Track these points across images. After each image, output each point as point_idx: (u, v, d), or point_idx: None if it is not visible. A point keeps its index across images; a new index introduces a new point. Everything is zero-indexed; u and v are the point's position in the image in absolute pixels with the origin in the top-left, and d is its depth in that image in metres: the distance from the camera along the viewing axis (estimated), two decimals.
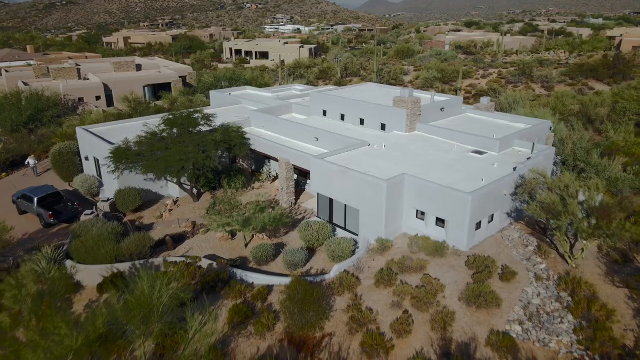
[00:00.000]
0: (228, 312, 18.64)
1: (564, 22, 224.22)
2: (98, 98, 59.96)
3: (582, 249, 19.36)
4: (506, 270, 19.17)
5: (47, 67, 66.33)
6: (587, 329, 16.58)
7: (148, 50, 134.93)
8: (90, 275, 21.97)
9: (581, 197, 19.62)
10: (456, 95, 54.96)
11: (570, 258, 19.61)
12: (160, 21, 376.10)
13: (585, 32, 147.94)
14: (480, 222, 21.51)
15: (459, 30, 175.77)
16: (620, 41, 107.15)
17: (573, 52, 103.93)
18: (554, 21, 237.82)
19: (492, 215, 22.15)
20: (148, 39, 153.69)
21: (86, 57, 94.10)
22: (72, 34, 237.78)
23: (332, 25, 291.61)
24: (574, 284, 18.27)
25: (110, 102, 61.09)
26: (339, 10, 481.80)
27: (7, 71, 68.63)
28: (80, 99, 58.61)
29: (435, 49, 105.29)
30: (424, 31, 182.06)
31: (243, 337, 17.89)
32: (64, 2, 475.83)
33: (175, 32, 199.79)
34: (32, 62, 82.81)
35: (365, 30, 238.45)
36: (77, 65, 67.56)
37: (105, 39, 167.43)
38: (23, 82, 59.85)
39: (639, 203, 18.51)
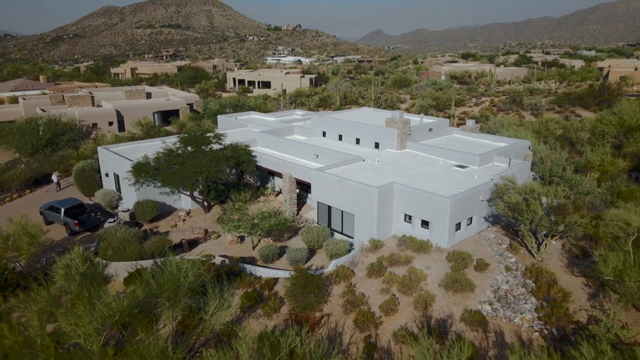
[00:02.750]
0: (240, 298, 21.55)
1: (558, 54, 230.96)
2: (111, 123, 63.70)
3: (545, 244, 22.38)
4: (480, 262, 22.16)
5: (63, 95, 70.29)
6: (547, 307, 19.49)
7: (154, 80, 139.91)
8: (117, 270, 24.93)
9: (544, 200, 22.75)
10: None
11: (536, 253, 22.62)
12: (164, 53, 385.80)
13: (578, 64, 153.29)
14: (460, 223, 24.57)
15: (455, 62, 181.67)
16: (608, 72, 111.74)
17: (563, 82, 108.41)
18: (548, 53, 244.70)
19: (471, 218, 25.22)
20: (154, 70, 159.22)
21: (96, 87, 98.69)
22: (79, 65, 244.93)
23: (332, 57, 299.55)
24: (537, 273, 21.22)
25: (121, 127, 64.81)
26: (339, 43, 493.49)
27: (24, 99, 72.68)
28: (94, 124, 62.32)
29: (431, 79, 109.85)
30: (422, 62, 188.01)
31: (253, 318, 20.78)
32: (70, 35, 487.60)
33: (180, 63, 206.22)
34: (46, 91, 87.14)
35: (364, 61, 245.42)
36: (90, 93, 71.57)
37: (113, 70, 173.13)
38: (41, 109, 63.62)
39: (589, 202, 21.59)
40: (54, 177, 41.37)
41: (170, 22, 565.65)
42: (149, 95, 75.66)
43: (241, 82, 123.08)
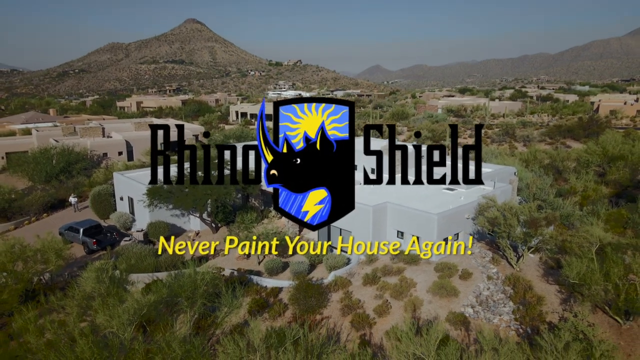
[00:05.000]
0: (248, 304, 23.92)
1: (553, 89, 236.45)
2: (120, 153, 66.79)
3: (522, 255, 24.90)
4: (464, 272, 24.61)
5: (74, 127, 73.67)
6: (522, 310, 21.86)
7: (159, 113, 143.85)
8: (137, 279, 27.27)
9: (521, 217, 25.37)
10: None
11: (515, 264, 25.10)
12: (167, 87, 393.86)
13: (572, 98, 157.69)
14: (447, 238, 27.09)
15: (452, 96, 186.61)
16: (598, 105, 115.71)
17: (555, 115, 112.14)
18: (543, 88, 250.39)
19: (457, 234, 27.77)
20: (159, 103, 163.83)
21: (104, 119, 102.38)
22: (84, 99, 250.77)
23: (332, 91, 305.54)
24: (515, 281, 23.68)
25: (130, 156, 67.85)
26: (339, 77, 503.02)
27: (37, 130, 76.05)
28: (105, 154, 65.40)
29: (428, 112, 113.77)
30: (419, 96, 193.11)
31: (260, 320, 23.01)
32: (76, 70, 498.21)
33: (184, 97, 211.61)
34: (57, 124, 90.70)
35: (363, 95, 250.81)
36: (100, 125, 74.98)
37: (119, 103, 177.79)
38: (54, 140, 66.80)
39: (559, 216, 24.19)
40: (72, 200, 44.08)
41: (174, 57, 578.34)
42: None
43: (243, 114, 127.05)
